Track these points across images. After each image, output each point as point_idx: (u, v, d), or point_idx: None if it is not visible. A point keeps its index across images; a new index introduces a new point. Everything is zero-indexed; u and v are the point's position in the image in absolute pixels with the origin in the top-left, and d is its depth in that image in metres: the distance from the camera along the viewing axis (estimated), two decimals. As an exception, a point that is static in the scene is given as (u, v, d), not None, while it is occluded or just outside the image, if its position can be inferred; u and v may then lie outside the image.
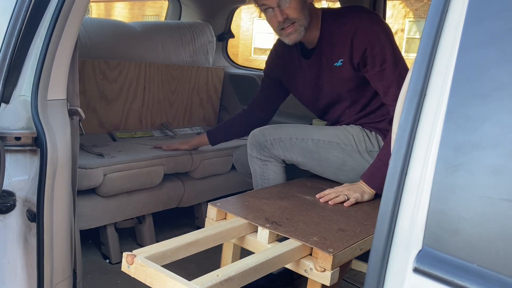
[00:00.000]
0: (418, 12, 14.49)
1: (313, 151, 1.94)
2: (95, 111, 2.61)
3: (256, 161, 1.99)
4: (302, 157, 1.95)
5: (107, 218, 2.25)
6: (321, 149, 1.93)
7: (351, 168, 1.93)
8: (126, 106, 2.75)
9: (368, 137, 1.96)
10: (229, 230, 1.45)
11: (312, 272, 1.35)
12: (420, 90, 0.76)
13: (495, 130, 0.69)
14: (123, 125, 2.76)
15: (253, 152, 1.99)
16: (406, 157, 0.77)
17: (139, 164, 2.28)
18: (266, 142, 1.94)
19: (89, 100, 2.56)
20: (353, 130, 1.98)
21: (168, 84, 2.93)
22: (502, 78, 0.69)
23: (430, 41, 0.76)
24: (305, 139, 1.94)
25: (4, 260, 1.32)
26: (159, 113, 2.94)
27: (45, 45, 1.28)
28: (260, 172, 2.00)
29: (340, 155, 1.92)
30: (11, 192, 1.29)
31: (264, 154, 1.97)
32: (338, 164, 1.94)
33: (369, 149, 1.94)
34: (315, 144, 1.93)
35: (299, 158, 1.95)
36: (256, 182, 2.03)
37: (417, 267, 0.74)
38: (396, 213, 0.77)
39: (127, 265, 1.18)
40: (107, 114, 2.67)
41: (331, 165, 1.95)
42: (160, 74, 2.87)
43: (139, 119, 2.84)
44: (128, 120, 2.78)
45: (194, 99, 3.12)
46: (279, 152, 1.95)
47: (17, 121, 1.30)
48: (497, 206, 0.68)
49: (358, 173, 1.90)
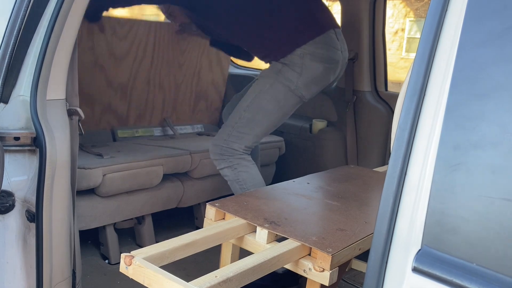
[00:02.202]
0: (419, 11, 14.49)
1: (253, 116, 2.05)
2: (103, 69, 2.55)
3: (227, 170, 2.09)
4: (251, 129, 2.06)
5: (107, 219, 2.24)
6: (255, 108, 2.04)
7: (283, 98, 2.04)
8: (134, 65, 2.69)
9: (271, 68, 2.10)
10: (227, 231, 1.45)
11: (311, 272, 1.35)
12: (419, 90, 0.76)
13: (494, 130, 0.69)
14: (130, 85, 2.71)
15: (220, 164, 2.10)
16: (406, 157, 0.77)
17: (139, 164, 2.28)
18: (222, 147, 2.07)
19: (98, 57, 2.51)
20: (261, 72, 2.15)
21: (178, 44, 2.89)
22: (501, 77, 0.69)
23: (430, 41, 0.76)
24: (241, 115, 2.06)
25: (3, 260, 1.32)
26: (168, 75, 2.88)
27: (44, 45, 1.27)
28: (234, 179, 2.08)
29: (267, 96, 2.04)
30: (10, 192, 1.29)
31: (229, 160, 2.06)
32: (273, 105, 2.05)
33: (276, 71, 2.04)
34: (248, 110, 2.05)
35: (251, 132, 2.06)
36: (235, 190, 2.10)
37: (416, 267, 0.74)
38: (395, 212, 0.77)
39: (125, 266, 1.18)
40: (115, 73, 2.61)
41: (271, 111, 2.06)
42: (170, 34, 2.83)
43: (147, 81, 2.78)
44: (136, 81, 2.72)
45: (204, 61, 3.08)
46: (237, 146, 2.05)
47: (16, 121, 1.29)
48: (496, 205, 0.68)
49: (291, 96, 2.03)
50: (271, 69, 2.08)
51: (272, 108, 2.05)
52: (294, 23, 2.07)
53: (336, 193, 1.85)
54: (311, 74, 2.02)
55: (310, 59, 2.00)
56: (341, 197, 1.81)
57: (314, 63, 2.01)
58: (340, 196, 1.81)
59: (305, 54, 2.00)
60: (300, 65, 2.00)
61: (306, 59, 2.00)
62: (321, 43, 2.04)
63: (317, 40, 2.03)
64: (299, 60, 2.00)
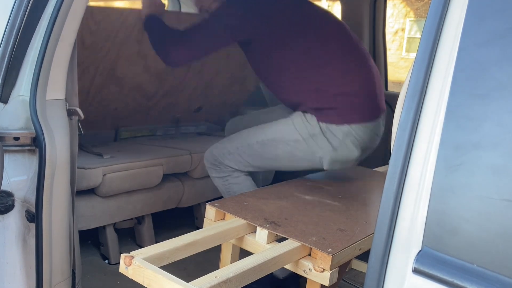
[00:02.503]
0: (419, 11, 14.49)
1: (262, 153, 1.95)
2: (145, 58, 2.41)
3: (218, 180, 2.06)
4: (254, 161, 1.98)
5: (106, 219, 2.24)
6: (268, 148, 1.94)
7: (300, 158, 1.92)
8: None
9: (307, 121, 1.89)
10: (227, 231, 1.45)
11: (311, 273, 1.35)
12: (420, 90, 0.76)
13: (495, 130, 0.69)
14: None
15: (212, 173, 2.07)
16: (406, 157, 0.76)
17: (139, 164, 2.28)
18: (218, 159, 2.02)
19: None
20: (295, 117, 1.93)
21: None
22: (502, 77, 0.69)
23: (430, 41, 0.76)
24: (251, 144, 1.95)
25: (3, 260, 1.32)
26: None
27: (44, 45, 1.27)
28: (224, 190, 2.06)
29: (287, 148, 1.92)
30: (10, 192, 1.29)
31: (222, 171, 2.03)
32: (288, 157, 1.94)
33: (311, 133, 1.87)
34: (261, 145, 1.94)
35: (252, 163, 1.98)
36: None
37: (416, 268, 0.74)
38: (396, 213, 0.77)
39: (125, 266, 1.18)
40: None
41: (282, 160, 1.96)
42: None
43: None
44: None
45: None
46: (233, 165, 1.99)
47: (16, 121, 1.29)
48: (497, 206, 0.68)
49: (310, 160, 1.91)
50: (305, 126, 1.88)
51: (285, 160, 1.95)
52: (354, 97, 1.89)
53: (336, 193, 1.85)
54: (345, 154, 1.88)
55: (351, 141, 1.86)
56: (341, 197, 1.81)
57: (353, 147, 1.87)
58: (340, 196, 1.81)
59: (350, 134, 1.84)
60: (339, 142, 1.84)
61: (348, 139, 1.85)
62: (369, 130, 1.88)
63: (368, 125, 1.88)
64: (341, 137, 1.84)
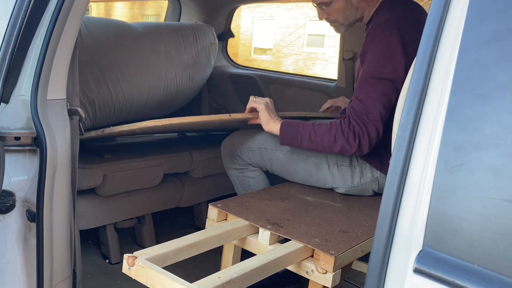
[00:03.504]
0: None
1: (282, 163, 1.91)
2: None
3: (233, 171, 2.01)
4: (271, 165, 1.95)
5: (107, 218, 2.24)
6: (291, 161, 1.89)
7: (317, 180, 1.88)
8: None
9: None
10: (230, 232, 1.45)
11: (314, 274, 1.35)
12: (420, 90, 0.76)
13: (496, 130, 0.69)
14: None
15: (227, 163, 2.02)
16: (407, 157, 0.76)
17: (139, 164, 2.28)
18: (236, 150, 1.97)
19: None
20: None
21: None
22: (502, 78, 0.69)
23: (431, 41, 0.76)
24: (274, 149, 1.91)
25: (4, 260, 1.32)
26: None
27: (45, 45, 1.27)
28: (239, 181, 2.02)
29: (308, 167, 1.88)
30: (11, 192, 1.29)
31: (238, 163, 1.99)
32: (305, 176, 1.90)
33: (339, 163, 1.84)
34: (284, 156, 1.90)
35: (269, 166, 1.96)
36: (238, 191, 2.05)
37: (417, 268, 0.74)
38: (396, 213, 0.77)
39: (128, 266, 1.18)
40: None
41: (298, 176, 1.92)
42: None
43: None
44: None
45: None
46: (249, 160, 1.96)
47: (17, 121, 1.29)
48: (498, 206, 0.68)
49: (323, 184, 1.87)
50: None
51: (300, 177, 1.91)
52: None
53: (338, 194, 1.85)
54: (358, 192, 1.87)
55: (372, 187, 1.86)
56: (343, 198, 1.81)
57: (372, 191, 1.87)
58: (342, 198, 1.81)
59: (375, 181, 1.84)
60: (363, 183, 1.84)
61: (372, 184, 1.85)
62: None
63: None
64: (368, 179, 1.84)
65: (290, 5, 16.32)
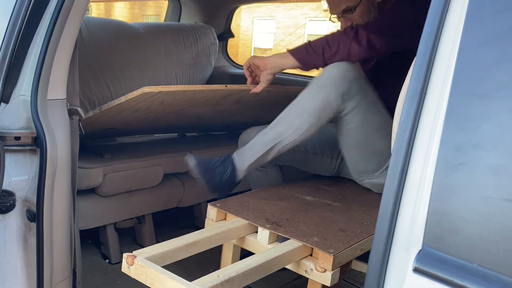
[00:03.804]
0: (418, 12, 14.45)
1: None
2: None
3: (254, 171, 1.99)
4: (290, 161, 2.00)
5: (107, 218, 2.24)
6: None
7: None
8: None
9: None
10: (229, 231, 1.45)
11: (313, 273, 1.35)
12: (420, 90, 0.76)
13: (496, 130, 0.69)
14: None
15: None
16: (407, 157, 0.76)
17: (139, 164, 2.28)
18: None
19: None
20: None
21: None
22: (502, 78, 0.69)
23: (431, 41, 0.76)
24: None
25: (4, 260, 1.32)
26: None
27: (45, 45, 1.28)
28: (255, 175, 2.02)
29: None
30: (11, 192, 1.29)
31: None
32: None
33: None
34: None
35: (287, 161, 2.00)
36: (253, 186, 2.05)
37: (417, 267, 0.74)
38: (396, 212, 0.77)
39: (128, 266, 1.18)
40: None
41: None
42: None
43: None
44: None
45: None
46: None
47: (17, 120, 1.29)
48: (498, 206, 0.68)
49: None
50: None
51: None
52: None
53: (337, 194, 1.85)
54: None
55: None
56: (342, 198, 1.81)
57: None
58: (341, 197, 1.81)
59: None
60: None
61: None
62: None
63: None
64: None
65: (290, 5, 16.32)
